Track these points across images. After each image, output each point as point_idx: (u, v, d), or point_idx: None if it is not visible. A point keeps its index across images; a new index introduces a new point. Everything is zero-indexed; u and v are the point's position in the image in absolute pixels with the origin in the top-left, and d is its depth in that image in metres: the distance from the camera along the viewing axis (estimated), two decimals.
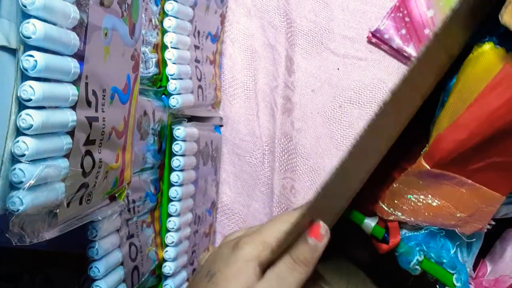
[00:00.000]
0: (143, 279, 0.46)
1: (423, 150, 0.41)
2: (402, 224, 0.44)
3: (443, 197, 0.40)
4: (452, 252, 0.42)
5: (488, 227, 0.42)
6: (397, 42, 0.57)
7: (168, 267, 0.49)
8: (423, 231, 0.43)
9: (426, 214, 0.41)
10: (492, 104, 0.35)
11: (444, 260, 0.41)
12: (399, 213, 0.42)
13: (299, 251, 0.32)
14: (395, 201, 0.42)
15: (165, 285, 0.49)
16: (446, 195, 0.40)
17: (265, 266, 0.32)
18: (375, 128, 0.32)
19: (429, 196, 0.41)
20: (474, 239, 0.42)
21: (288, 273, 0.31)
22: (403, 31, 0.57)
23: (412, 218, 0.42)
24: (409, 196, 0.41)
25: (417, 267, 0.42)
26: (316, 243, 0.32)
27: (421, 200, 0.41)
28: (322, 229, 0.32)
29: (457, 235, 0.42)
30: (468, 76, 0.38)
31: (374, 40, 0.59)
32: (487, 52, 0.37)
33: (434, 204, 0.41)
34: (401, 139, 0.40)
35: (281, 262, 0.32)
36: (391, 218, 0.43)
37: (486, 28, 0.36)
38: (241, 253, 0.32)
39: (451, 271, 0.41)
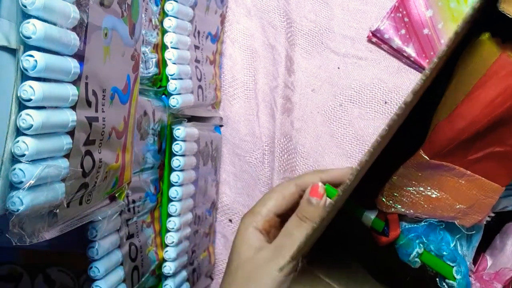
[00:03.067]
0: (143, 279, 0.46)
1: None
2: (401, 216, 0.44)
3: (442, 188, 0.40)
4: (452, 245, 0.42)
5: (488, 219, 0.42)
6: (397, 42, 0.57)
7: (168, 267, 0.49)
8: (423, 223, 0.43)
9: (426, 206, 0.41)
10: (490, 92, 0.35)
11: (444, 253, 0.41)
12: (399, 206, 0.42)
13: (304, 209, 0.39)
14: (395, 194, 0.42)
15: (165, 285, 0.49)
16: (445, 186, 0.40)
17: (269, 230, 0.40)
18: (392, 127, 0.33)
19: (428, 188, 0.41)
20: (474, 232, 0.42)
21: (294, 229, 0.38)
22: (403, 31, 0.57)
23: (411, 211, 0.42)
24: (408, 188, 0.41)
25: (417, 259, 0.42)
26: (317, 201, 0.38)
27: (420, 192, 0.41)
28: (321, 188, 0.39)
29: (456, 228, 0.42)
30: (466, 66, 0.38)
31: (374, 40, 0.59)
32: (484, 42, 0.37)
33: (433, 196, 0.41)
34: (400, 131, 0.40)
35: (289, 221, 0.39)
36: (391, 210, 0.43)
37: (482, 19, 0.36)
38: (241, 224, 0.41)
39: (451, 264, 0.41)
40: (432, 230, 0.42)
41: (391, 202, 0.43)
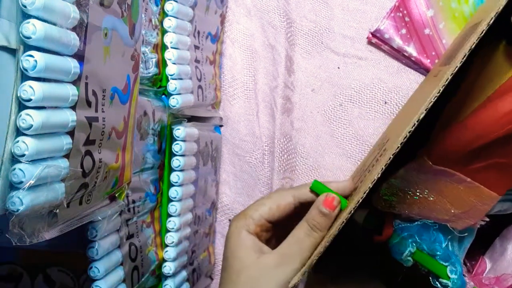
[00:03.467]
0: (143, 279, 0.46)
1: (426, 145, 0.41)
2: (395, 215, 0.44)
3: (440, 192, 0.40)
4: (443, 245, 0.42)
5: (482, 223, 0.42)
6: (397, 42, 0.57)
7: (168, 267, 0.49)
8: (417, 223, 0.43)
9: (421, 208, 0.41)
10: (503, 108, 0.35)
11: (438, 253, 0.41)
12: (395, 206, 0.42)
13: (315, 218, 0.38)
14: (392, 194, 0.42)
15: (165, 285, 0.49)
16: (443, 191, 0.40)
17: (260, 234, 0.41)
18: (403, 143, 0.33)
19: (426, 191, 0.41)
20: (466, 234, 0.43)
21: (305, 237, 0.38)
22: (403, 31, 0.57)
23: (406, 211, 0.42)
24: (406, 189, 0.41)
25: (409, 258, 0.42)
26: (329, 212, 0.38)
27: (418, 194, 0.41)
28: (336, 201, 0.38)
29: (449, 229, 0.42)
30: (477, 74, 0.38)
31: (374, 40, 0.59)
32: (499, 52, 0.37)
33: (430, 199, 0.41)
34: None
35: (298, 227, 0.39)
36: (386, 210, 0.43)
37: (494, 28, 0.36)
38: (232, 227, 0.41)
39: (444, 263, 0.41)
40: (425, 230, 0.43)
41: (387, 202, 0.43)
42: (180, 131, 0.49)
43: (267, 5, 0.62)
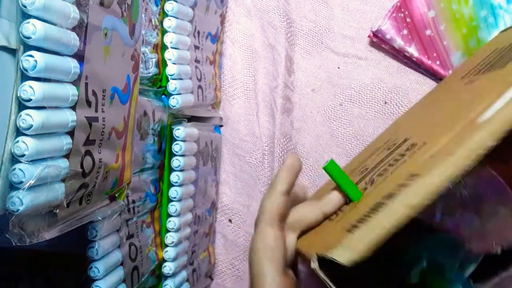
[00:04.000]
0: (143, 279, 0.46)
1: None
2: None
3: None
4: (456, 266, 0.39)
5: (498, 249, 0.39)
6: (399, 42, 0.57)
7: (168, 267, 0.49)
8: (431, 236, 0.40)
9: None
10: None
11: (447, 274, 0.39)
12: None
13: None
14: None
15: (165, 285, 0.49)
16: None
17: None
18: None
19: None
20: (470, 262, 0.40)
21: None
22: (405, 32, 0.57)
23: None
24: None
25: (418, 275, 0.39)
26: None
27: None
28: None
29: (463, 248, 0.39)
30: None
31: (375, 39, 0.59)
32: None
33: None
34: None
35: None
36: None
37: None
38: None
39: (454, 286, 0.39)
40: (440, 245, 0.40)
41: None
42: (180, 131, 0.49)
43: (267, 5, 0.62)
